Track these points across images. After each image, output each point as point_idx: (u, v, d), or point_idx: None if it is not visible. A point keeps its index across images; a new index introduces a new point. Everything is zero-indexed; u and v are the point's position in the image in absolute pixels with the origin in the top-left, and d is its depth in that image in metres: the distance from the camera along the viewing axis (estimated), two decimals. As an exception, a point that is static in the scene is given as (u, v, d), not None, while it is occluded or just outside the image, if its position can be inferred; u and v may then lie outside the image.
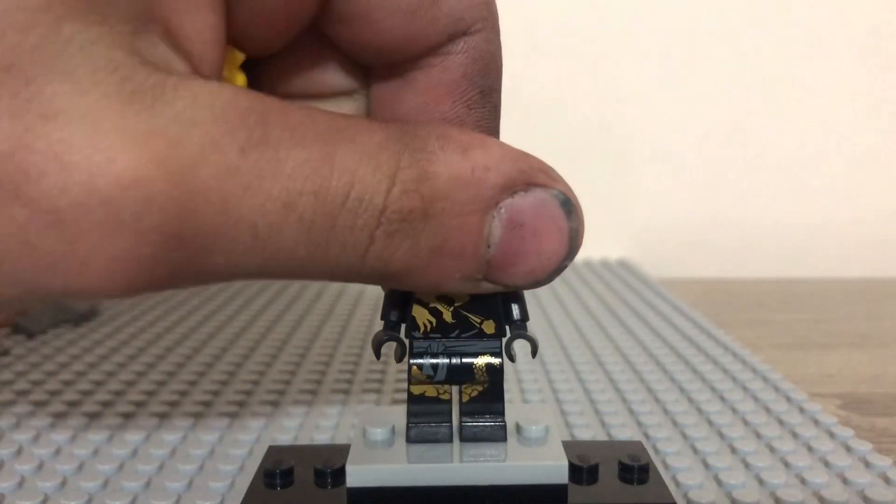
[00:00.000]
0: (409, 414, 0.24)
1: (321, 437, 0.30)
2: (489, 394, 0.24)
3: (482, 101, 0.23)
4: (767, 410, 0.32)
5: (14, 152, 0.15)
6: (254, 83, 0.23)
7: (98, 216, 0.16)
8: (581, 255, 0.67)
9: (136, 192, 0.16)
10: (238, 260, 0.17)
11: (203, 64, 0.18)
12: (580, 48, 0.66)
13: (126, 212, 0.16)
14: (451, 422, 0.24)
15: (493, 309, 0.23)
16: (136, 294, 0.17)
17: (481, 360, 0.23)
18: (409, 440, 0.23)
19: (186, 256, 0.17)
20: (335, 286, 0.56)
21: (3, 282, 0.16)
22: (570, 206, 0.20)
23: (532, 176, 0.20)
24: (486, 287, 0.21)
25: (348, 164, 0.18)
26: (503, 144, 0.20)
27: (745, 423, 0.31)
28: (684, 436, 0.30)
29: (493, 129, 0.24)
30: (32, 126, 0.15)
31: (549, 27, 0.66)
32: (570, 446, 0.24)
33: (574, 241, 0.20)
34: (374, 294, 0.54)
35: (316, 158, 0.17)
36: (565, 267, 0.21)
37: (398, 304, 0.24)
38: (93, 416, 0.32)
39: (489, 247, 0.20)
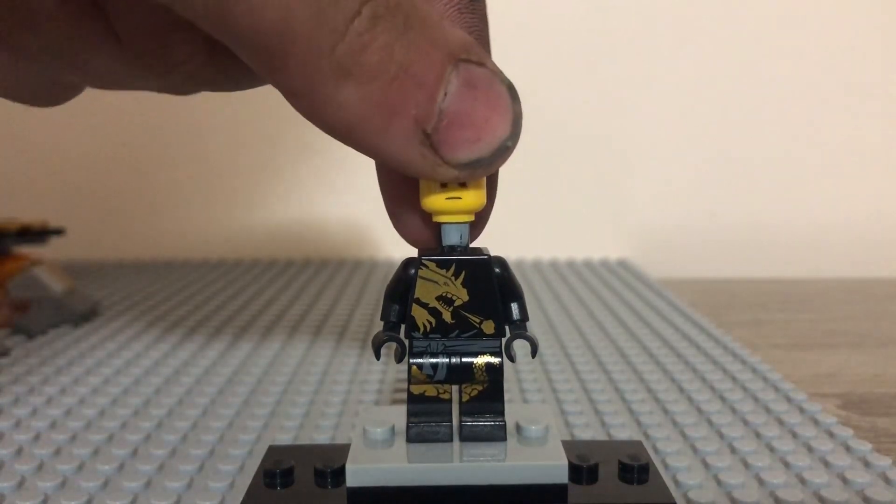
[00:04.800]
0: (409, 413, 0.24)
1: (321, 437, 0.30)
2: (489, 393, 0.24)
3: (471, 5, 0.24)
4: (767, 410, 0.32)
5: None
6: None
7: None
8: (581, 255, 0.67)
9: None
10: None
11: None
12: (579, 49, 0.66)
13: None
14: (451, 421, 0.24)
15: (492, 309, 0.23)
16: None
17: (481, 360, 0.23)
18: (409, 440, 0.24)
19: None
20: (335, 287, 0.56)
21: None
22: (514, 93, 0.21)
23: (484, 58, 0.20)
24: (426, 161, 0.20)
25: None
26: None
27: (745, 422, 0.31)
28: (684, 435, 0.30)
29: (483, 39, 0.24)
30: None
31: (548, 28, 0.66)
32: (569, 446, 0.24)
33: (517, 126, 0.21)
34: (374, 294, 0.54)
35: None
36: (507, 151, 0.21)
37: (398, 304, 0.24)
38: (93, 417, 0.32)
39: (445, 95, 0.20)
